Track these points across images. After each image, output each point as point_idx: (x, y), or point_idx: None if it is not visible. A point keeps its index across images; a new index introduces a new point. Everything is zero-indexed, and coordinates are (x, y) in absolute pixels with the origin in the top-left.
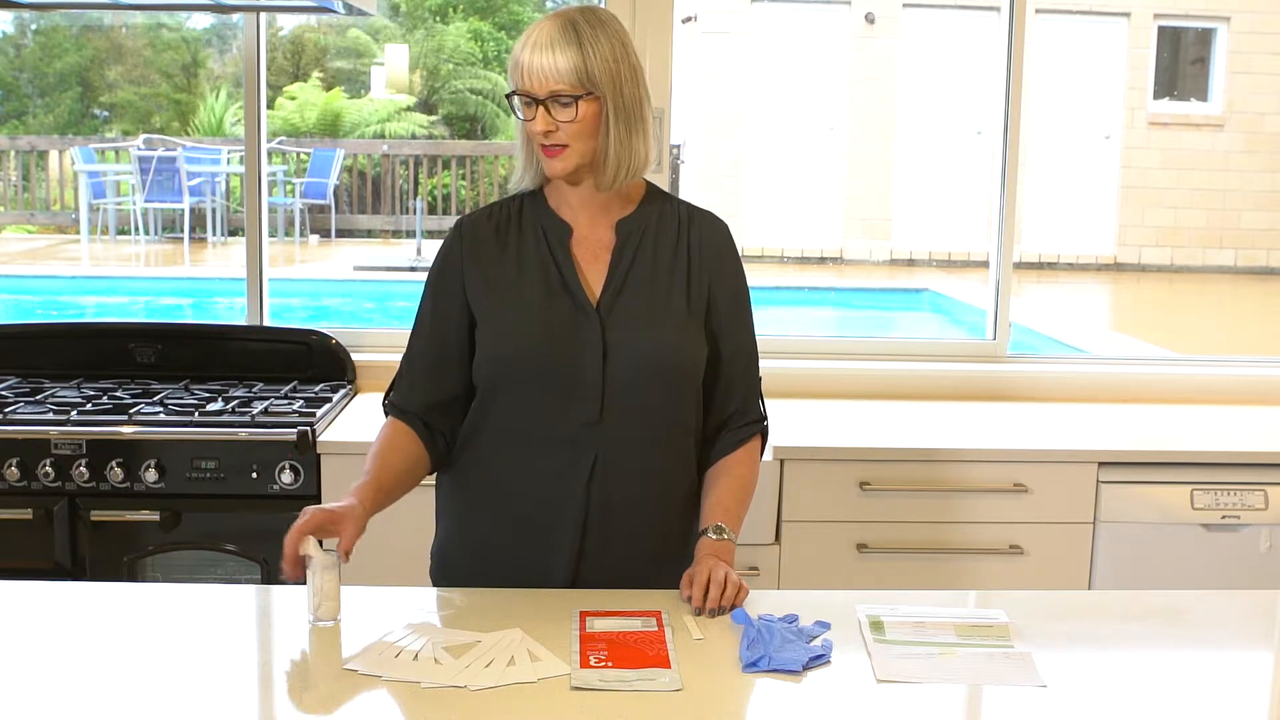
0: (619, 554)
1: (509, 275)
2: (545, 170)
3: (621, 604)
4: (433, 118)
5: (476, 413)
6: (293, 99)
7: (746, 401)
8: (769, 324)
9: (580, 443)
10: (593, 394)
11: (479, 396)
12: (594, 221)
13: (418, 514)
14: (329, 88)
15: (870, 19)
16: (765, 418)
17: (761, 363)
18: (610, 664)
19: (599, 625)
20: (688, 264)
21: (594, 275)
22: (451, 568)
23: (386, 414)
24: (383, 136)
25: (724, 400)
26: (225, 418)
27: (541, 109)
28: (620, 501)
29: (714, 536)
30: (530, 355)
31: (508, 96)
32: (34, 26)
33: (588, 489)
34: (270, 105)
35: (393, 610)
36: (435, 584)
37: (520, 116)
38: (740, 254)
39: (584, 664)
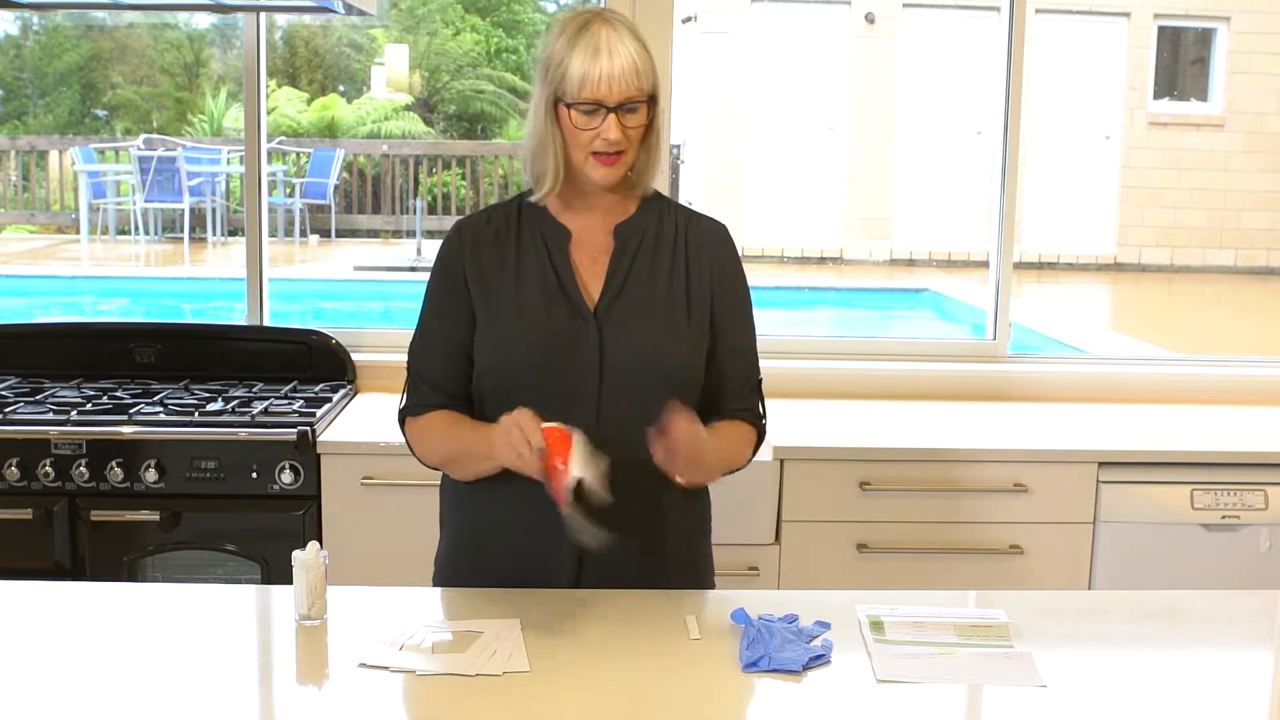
0: (621, 559)
1: (507, 281)
2: (595, 177)
3: (625, 604)
4: (436, 120)
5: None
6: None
7: (744, 400)
8: (769, 324)
9: None
10: (589, 401)
11: (477, 403)
12: (593, 226)
13: (416, 516)
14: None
15: (870, 19)
16: (763, 417)
17: (761, 363)
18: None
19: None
20: (686, 267)
21: (592, 280)
22: (455, 577)
23: (409, 415)
24: (380, 135)
25: (719, 400)
26: (225, 418)
27: (613, 117)
28: (621, 506)
29: None
30: (528, 363)
31: (566, 106)
32: (36, 26)
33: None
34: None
35: (394, 610)
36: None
37: (577, 126)
38: (740, 254)
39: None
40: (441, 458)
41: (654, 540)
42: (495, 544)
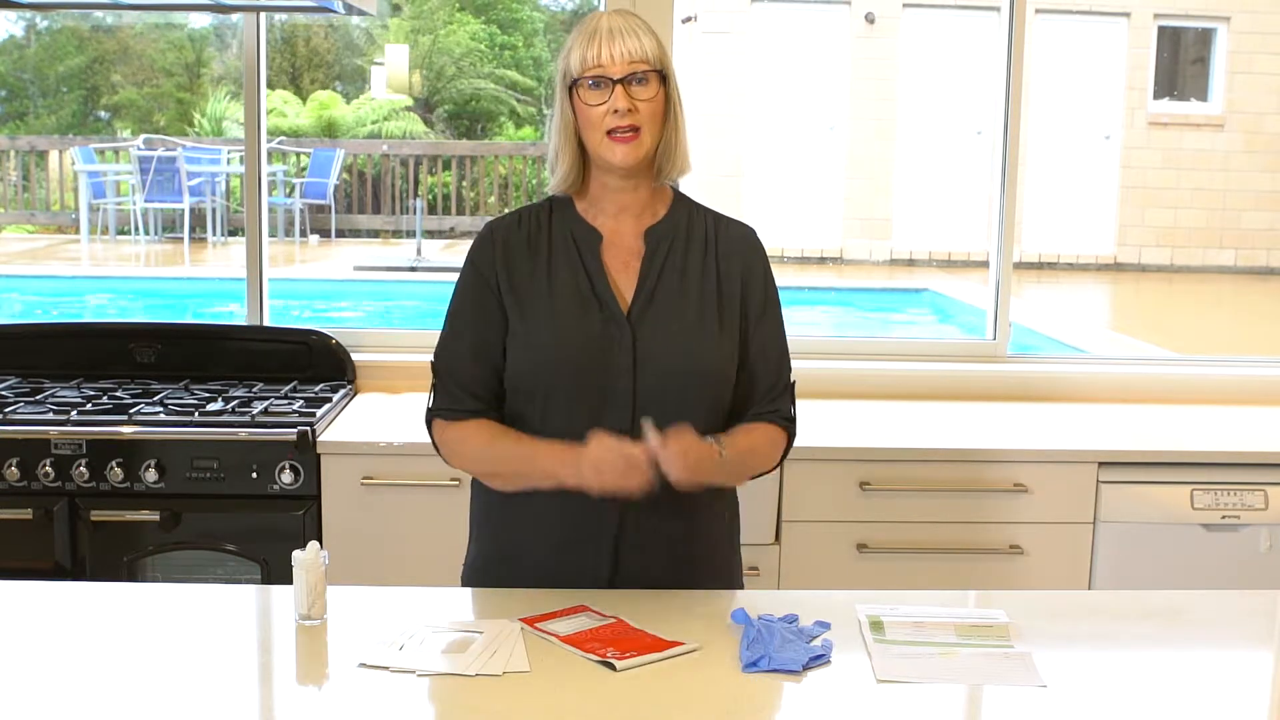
0: (652, 559)
1: (540, 284)
2: (614, 160)
3: (626, 604)
4: (435, 117)
5: (508, 422)
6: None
7: (774, 403)
8: None
9: None
10: (624, 404)
11: (509, 406)
12: (624, 229)
13: (416, 515)
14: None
15: (870, 19)
16: (792, 419)
17: None
18: (635, 653)
19: (560, 627)
20: (717, 271)
21: (624, 283)
22: (486, 580)
23: (440, 419)
24: (380, 135)
25: (750, 402)
26: (225, 418)
27: (619, 88)
28: (653, 509)
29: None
30: (563, 365)
31: (570, 87)
32: (41, 28)
33: (620, 501)
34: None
35: (394, 610)
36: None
37: (586, 103)
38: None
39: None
40: (476, 469)
41: (684, 542)
42: (529, 548)
